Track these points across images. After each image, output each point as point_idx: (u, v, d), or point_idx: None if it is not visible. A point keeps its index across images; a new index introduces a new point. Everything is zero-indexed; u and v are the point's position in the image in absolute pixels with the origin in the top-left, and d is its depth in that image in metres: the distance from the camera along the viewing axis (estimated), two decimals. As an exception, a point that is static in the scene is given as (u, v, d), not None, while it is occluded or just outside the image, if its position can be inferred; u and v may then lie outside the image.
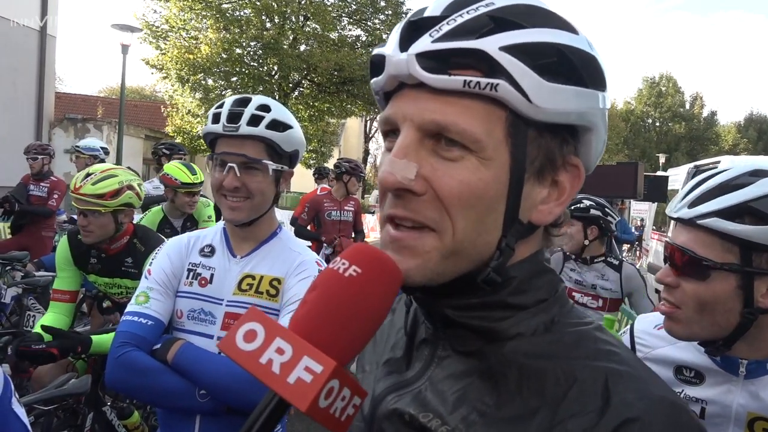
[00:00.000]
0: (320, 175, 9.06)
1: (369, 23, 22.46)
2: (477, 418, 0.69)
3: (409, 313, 0.84)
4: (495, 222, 0.69)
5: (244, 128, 1.72)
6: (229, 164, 1.74)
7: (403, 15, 21.84)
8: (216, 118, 1.76)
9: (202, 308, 1.80)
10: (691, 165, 11.32)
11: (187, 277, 1.83)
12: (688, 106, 46.02)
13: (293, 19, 21.11)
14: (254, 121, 1.73)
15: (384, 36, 21.80)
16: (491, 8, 0.67)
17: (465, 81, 0.65)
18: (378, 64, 0.72)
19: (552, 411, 0.65)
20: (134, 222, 3.26)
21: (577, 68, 0.68)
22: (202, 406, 1.68)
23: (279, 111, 1.79)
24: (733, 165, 1.34)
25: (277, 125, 1.77)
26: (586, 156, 0.75)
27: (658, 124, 45.30)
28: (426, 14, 0.69)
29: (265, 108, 1.76)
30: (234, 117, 1.74)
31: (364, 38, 22.60)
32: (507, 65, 0.65)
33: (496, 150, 0.68)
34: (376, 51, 0.73)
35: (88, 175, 2.90)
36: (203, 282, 1.81)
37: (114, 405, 3.11)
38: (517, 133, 0.68)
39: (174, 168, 4.56)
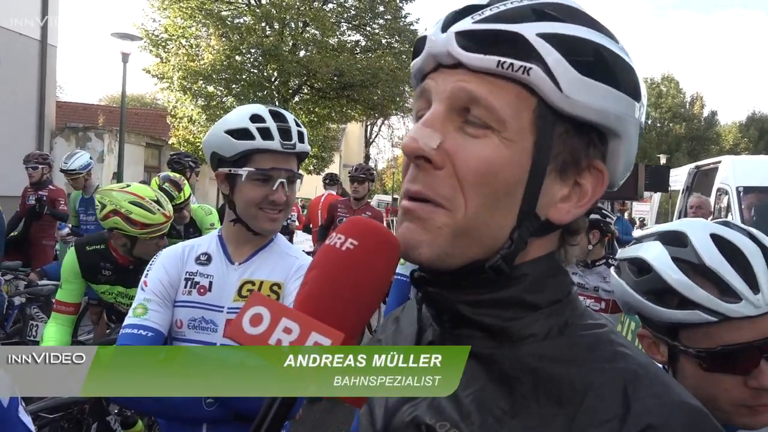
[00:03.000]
0: (331, 181, 8.89)
1: (368, 28, 22.45)
2: (493, 424, 0.67)
3: (420, 313, 0.83)
4: (510, 207, 0.69)
5: (299, 145, 1.80)
6: (280, 180, 1.77)
7: (402, 19, 21.90)
8: (266, 134, 1.75)
9: (202, 316, 1.80)
10: (692, 165, 11.33)
11: (185, 287, 1.83)
12: (688, 106, 46.01)
13: (292, 26, 21.14)
14: (301, 137, 1.81)
15: (383, 41, 21.84)
16: (535, 2, 0.69)
17: (499, 61, 0.66)
18: (419, 49, 0.74)
19: (570, 418, 0.64)
20: None
21: (613, 71, 0.69)
22: (209, 414, 1.68)
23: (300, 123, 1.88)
24: (702, 229, 1.20)
25: (307, 138, 1.87)
26: (613, 167, 0.74)
27: (658, 124, 45.28)
28: (472, 3, 0.71)
29: (298, 123, 1.84)
30: (285, 133, 1.78)
31: (363, 43, 22.60)
32: (542, 51, 0.66)
33: (520, 134, 0.68)
34: (420, 34, 0.75)
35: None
36: (202, 290, 1.82)
37: (119, 413, 3.11)
38: (544, 123, 0.68)
39: (155, 187, 4.61)
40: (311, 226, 8.27)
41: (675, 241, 1.19)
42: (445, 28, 0.70)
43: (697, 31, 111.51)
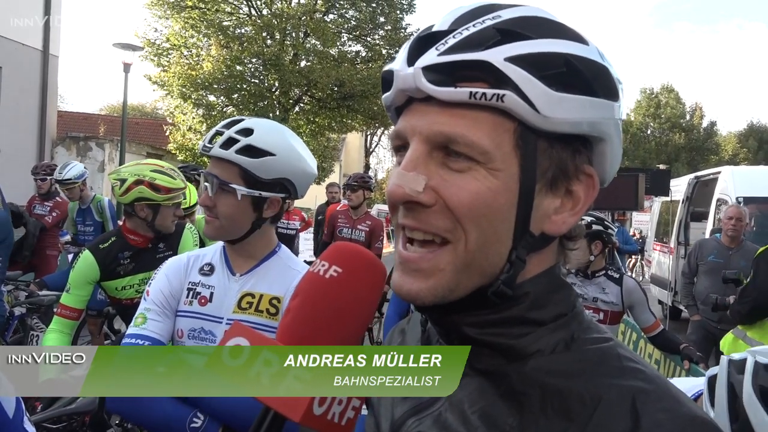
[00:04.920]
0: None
1: (368, 39, 22.58)
2: None
3: (425, 332, 0.82)
4: (506, 232, 0.68)
5: (215, 150, 1.74)
6: (204, 183, 1.78)
7: (403, 30, 22.02)
8: (205, 137, 1.80)
9: (202, 327, 1.81)
10: (692, 176, 11.34)
11: (187, 297, 1.84)
12: (688, 117, 46.10)
13: (293, 36, 21.24)
14: (227, 143, 1.73)
15: (384, 51, 21.94)
16: (498, 21, 0.67)
17: (471, 93, 0.65)
18: (388, 80, 0.72)
19: None
20: None
21: (586, 78, 0.68)
22: None
23: (262, 136, 1.76)
24: None
25: (252, 151, 1.73)
26: (601, 167, 0.74)
27: (657, 134, 45.35)
28: (434, 29, 0.70)
29: (247, 132, 1.75)
30: (214, 137, 1.76)
31: (363, 54, 22.72)
32: (513, 76, 0.65)
33: (505, 161, 0.67)
34: (386, 67, 0.73)
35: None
36: (203, 301, 1.82)
37: (120, 424, 3.10)
38: (526, 144, 0.67)
39: None
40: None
41: None
42: (411, 61, 0.68)
43: (697, 42, 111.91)
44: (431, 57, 0.67)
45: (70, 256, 6.53)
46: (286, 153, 1.80)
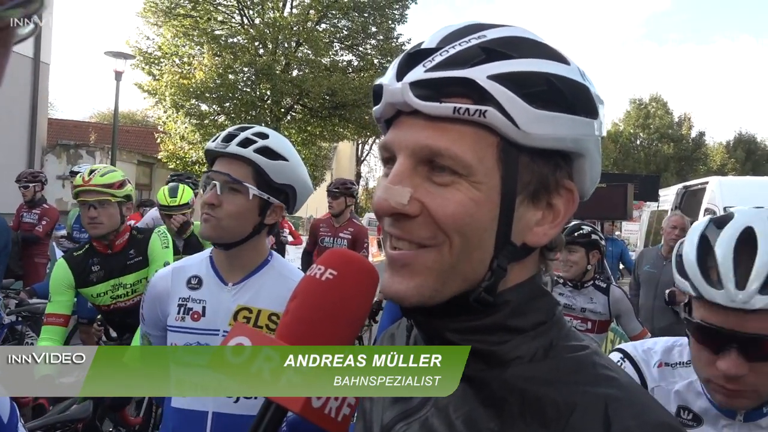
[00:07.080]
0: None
1: (360, 48, 22.63)
2: None
3: (410, 338, 0.85)
4: (488, 241, 0.71)
5: (232, 147, 1.75)
6: (213, 181, 1.78)
7: (394, 40, 22.10)
8: (215, 138, 1.82)
9: (197, 341, 1.80)
10: (680, 186, 11.44)
11: (178, 313, 1.83)
12: (676, 127, 46.47)
13: (286, 45, 21.28)
14: (245, 143, 1.76)
15: (375, 61, 22.01)
16: (483, 40, 0.71)
17: (455, 108, 0.68)
18: (378, 94, 0.76)
19: None
20: None
21: (566, 96, 0.71)
22: None
23: (277, 142, 1.81)
24: (746, 219, 1.27)
25: (269, 152, 1.77)
26: (581, 182, 0.77)
27: (646, 144, 45.69)
28: (423, 47, 0.73)
29: (263, 135, 1.79)
30: (229, 137, 1.78)
31: (355, 63, 22.76)
32: (495, 93, 0.68)
33: (487, 175, 0.70)
34: (377, 81, 0.76)
35: (92, 171, 3.14)
36: (195, 316, 1.81)
37: None
38: (508, 158, 0.70)
39: (160, 191, 4.78)
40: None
41: (720, 221, 1.30)
42: (399, 76, 0.72)
43: (687, 54, 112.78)
44: (418, 73, 0.70)
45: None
46: (296, 161, 1.86)
